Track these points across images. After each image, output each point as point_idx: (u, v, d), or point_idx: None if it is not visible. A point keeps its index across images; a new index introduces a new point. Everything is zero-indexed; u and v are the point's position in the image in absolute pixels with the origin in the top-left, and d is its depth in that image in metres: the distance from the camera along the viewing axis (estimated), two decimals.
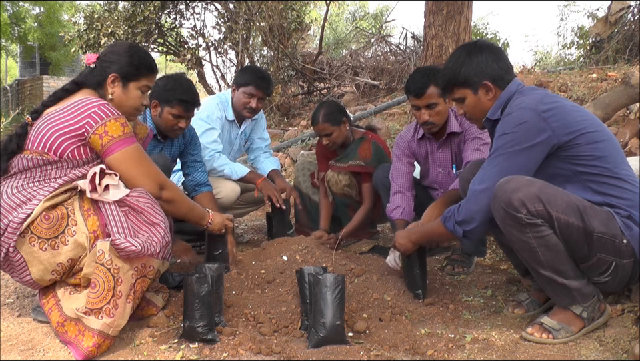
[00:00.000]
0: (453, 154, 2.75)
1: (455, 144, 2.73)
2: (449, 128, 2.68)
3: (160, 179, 1.96)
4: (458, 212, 1.93)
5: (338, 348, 1.70)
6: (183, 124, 2.73)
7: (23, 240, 1.75)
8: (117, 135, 1.85)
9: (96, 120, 1.81)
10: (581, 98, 4.91)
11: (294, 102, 9.10)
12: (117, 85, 1.99)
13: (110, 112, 1.85)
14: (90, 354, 1.70)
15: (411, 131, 2.86)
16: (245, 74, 3.29)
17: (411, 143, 2.84)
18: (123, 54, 2.01)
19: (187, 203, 2.13)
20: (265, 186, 3.15)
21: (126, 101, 2.02)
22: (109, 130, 1.83)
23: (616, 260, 1.76)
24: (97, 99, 1.88)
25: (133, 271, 1.76)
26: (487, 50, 2.00)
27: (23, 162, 1.82)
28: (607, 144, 1.83)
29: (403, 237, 2.23)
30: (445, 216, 1.99)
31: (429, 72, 2.59)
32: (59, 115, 1.84)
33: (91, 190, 1.80)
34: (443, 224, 1.99)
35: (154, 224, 1.83)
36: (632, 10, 7.70)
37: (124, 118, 1.89)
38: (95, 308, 1.71)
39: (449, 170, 2.77)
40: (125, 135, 1.87)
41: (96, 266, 1.72)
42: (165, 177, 1.99)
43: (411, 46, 9.10)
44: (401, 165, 2.83)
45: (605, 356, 1.66)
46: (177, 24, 8.93)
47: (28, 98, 15.17)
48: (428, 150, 2.82)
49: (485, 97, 2.00)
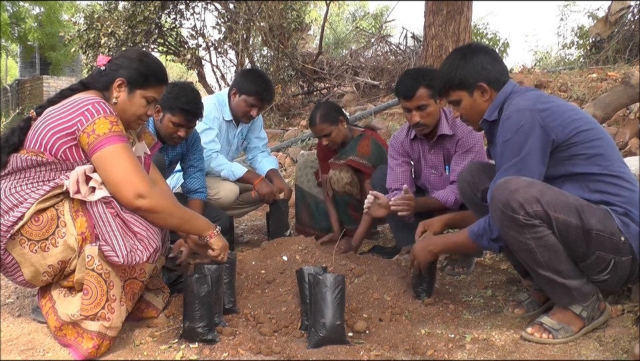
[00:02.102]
0: (444, 156, 2.74)
1: (447, 147, 2.71)
2: (439, 130, 2.67)
3: (139, 186, 1.73)
4: (490, 229, 1.91)
5: (338, 348, 1.70)
6: (182, 133, 2.70)
7: (14, 241, 1.74)
8: (103, 133, 1.74)
9: (87, 118, 1.75)
10: (581, 98, 4.91)
11: (294, 102, 9.10)
12: (123, 90, 1.92)
13: (102, 110, 1.77)
14: (90, 355, 1.70)
15: (404, 132, 2.85)
16: (249, 82, 3.20)
17: (404, 144, 2.83)
18: (134, 60, 1.94)
19: (178, 214, 1.87)
20: (262, 187, 3.15)
21: (129, 108, 1.93)
22: (96, 128, 1.74)
23: (615, 257, 1.76)
24: (93, 97, 1.82)
25: (120, 273, 1.77)
26: (482, 52, 2.02)
27: (18, 163, 1.79)
28: (602, 142, 1.84)
29: (422, 248, 2.17)
30: (475, 233, 1.96)
31: (418, 73, 2.58)
32: (55, 113, 1.80)
33: (76, 191, 1.74)
34: (476, 240, 1.96)
35: (135, 233, 1.75)
36: (632, 10, 7.70)
37: (116, 118, 1.79)
38: (90, 314, 1.70)
39: (441, 171, 2.76)
40: (110, 133, 1.75)
41: (86, 271, 1.71)
42: (147, 184, 1.76)
43: (410, 46, 9.10)
44: (396, 165, 2.82)
45: (605, 356, 1.66)
46: (177, 24, 8.93)
47: (28, 98, 15.17)
48: (420, 152, 2.81)
49: (480, 99, 2.01)
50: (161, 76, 1.99)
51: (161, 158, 2.70)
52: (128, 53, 1.99)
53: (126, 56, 1.97)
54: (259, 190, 3.15)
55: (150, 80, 1.95)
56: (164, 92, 2.04)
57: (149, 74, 1.94)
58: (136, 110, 1.95)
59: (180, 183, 3.15)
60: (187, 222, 1.92)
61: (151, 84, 1.95)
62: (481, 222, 1.96)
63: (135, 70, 1.93)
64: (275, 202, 3.22)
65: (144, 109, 1.96)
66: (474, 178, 2.14)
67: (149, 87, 1.95)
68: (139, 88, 1.93)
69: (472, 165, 2.23)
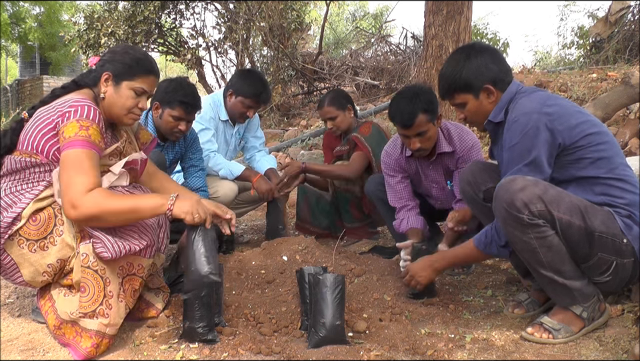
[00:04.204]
0: (444, 172, 2.67)
1: (446, 162, 2.63)
2: (438, 148, 2.57)
3: (72, 197, 1.65)
4: (498, 235, 1.89)
5: (338, 348, 1.70)
6: (183, 126, 2.71)
7: (12, 242, 1.75)
8: (68, 136, 1.71)
9: (63, 120, 1.74)
10: (581, 98, 4.91)
11: (294, 102, 9.12)
12: (110, 84, 1.90)
13: (79, 113, 1.74)
14: (89, 354, 1.70)
15: (397, 148, 2.71)
16: (246, 83, 3.20)
17: (399, 161, 2.71)
18: (119, 52, 1.95)
19: (121, 208, 1.70)
20: (260, 184, 3.15)
21: (117, 100, 1.90)
22: (65, 131, 1.72)
23: (616, 259, 1.76)
24: (79, 99, 1.80)
25: (118, 270, 1.76)
26: (485, 52, 1.98)
27: (13, 164, 1.79)
28: (607, 145, 1.83)
29: (423, 268, 2.12)
30: (483, 242, 1.94)
31: (414, 98, 2.40)
32: (43, 115, 1.80)
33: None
34: (484, 250, 1.94)
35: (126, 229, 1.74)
36: (632, 10, 7.71)
37: (89, 122, 1.73)
38: (89, 311, 1.71)
39: (442, 185, 2.71)
40: (74, 137, 1.70)
41: (82, 269, 1.72)
42: (81, 193, 1.65)
43: (410, 46, 9.12)
44: (395, 182, 2.72)
45: (605, 356, 1.66)
46: (177, 24, 8.94)
47: (28, 98, 15.16)
48: (418, 167, 2.72)
49: (486, 101, 1.98)
50: (147, 66, 1.94)
51: (162, 157, 2.70)
52: (114, 48, 2.01)
53: (112, 51, 1.98)
54: (258, 187, 3.15)
55: (134, 70, 1.91)
56: (155, 84, 2.00)
57: (133, 65, 1.91)
58: (124, 102, 1.90)
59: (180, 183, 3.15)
60: (135, 210, 1.73)
61: (136, 73, 1.91)
62: (487, 230, 1.94)
63: (120, 62, 1.91)
64: (273, 200, 3.22)
65: (132, 101, 1.91)
66: (475, 178, 2.13)
67: (134, 77, 1.91)
68: (125, 80, 1.90)
69: (473, 165, 2.21)
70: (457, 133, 2.59)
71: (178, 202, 1.77)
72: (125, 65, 1.91)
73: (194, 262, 1.77)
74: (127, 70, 1.91)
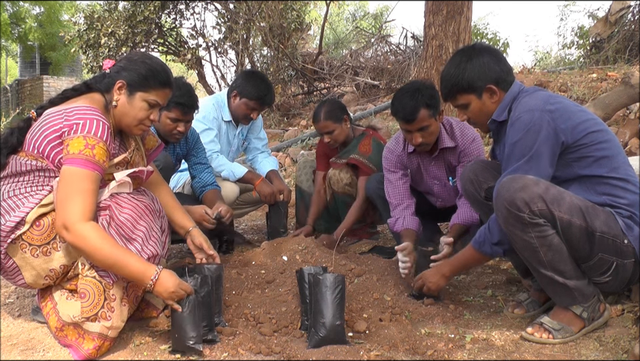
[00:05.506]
0: (446, 167, 2.68)
1: (448, 158, 2.64)
2: (441, 143, 2.59)
3: (67, 218, 1.64)
4: (490, 233, 1.89)
5: (338, 348, 1.70)
6: (182, 128, 2.69)
7: (15, 246, 1.74)
8: (72, 152, 1.68)
9: (70, 132, 1.70)
10: (581, 98, 4.91)
11: (294, 102, 9.11)
12: (123, 93, 1.86)
13: (87, 129, 1.70)
14: (90, 356, 1.70)
15: (400, 145, 2.73)
16: (250, 85, 3.19)
17: (401, 157, 2.73)
18: (136, 62, 1.89)
19: (103, 256, 1.65)
20: (263, 188, 3.15)
21: (130, 111, 1.87)
22: (70, 144, 1.69)
23: (617, 260, 1.76)
24: (90, 111, 1.75)
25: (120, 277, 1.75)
26: (487, 52, 1.99)
27: (18, 166, 1.78)
28: (610, 144, 1.84)
29: (433, 275, 2.12)
30: (477, 241, 1.95)
31: (417, 93, 2.42)
32: (51, 119, 1.76)
33: None
34: (479, 250, 1.94)
35: (130, 239, 1.74)
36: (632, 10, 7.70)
37: (95, 140, 1.70)
38: (91, 315, 1.71)
39: (444, 182, 2.72)
40: (78, 155, 1.67)
41: (81, 277, 1.72)
42: (77, 218, 1.64)
43: (410, 46, 9.11)
44: (394, 178, 2.73)
45: (605, 356, 1.66)
46: (177, 24, 8.94)
47: (28, 98, 15.17)
48: (420, 163, 2.73)
49: (489, 101, 1.99)
50: (163, 79, 1.90)
51: (169, 159, 2.70)
52: (131, 55, 1.95)
53: (129, 59, 1.92)
54: (261, 191, 3.15)
55: (150, 82, 1.87)
56: (169, 96, 1.97)
57: (149, 76, 1.87)
58: (137, 113, 1.87)
59: (180, 183, 3.15)
60: (118, 267, 1.67)
61: (152, 86, 1.88)
62: (481, 229, 1.94)
63: (136, 72, 1.87)
64: (275, 202, 3.22)
65: (145, 112, 1.88)
66: (477, 177, 2.12)
67: (149, 89, 1.87)
68: (140, 91, 1.86)
69: (475, 163, 2.21)
70: (459, 128, 2.61)
71: (160, 281, 1.70)
72: (140, 76, 1.87)
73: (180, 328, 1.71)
74: (143, 81, 1.87)
